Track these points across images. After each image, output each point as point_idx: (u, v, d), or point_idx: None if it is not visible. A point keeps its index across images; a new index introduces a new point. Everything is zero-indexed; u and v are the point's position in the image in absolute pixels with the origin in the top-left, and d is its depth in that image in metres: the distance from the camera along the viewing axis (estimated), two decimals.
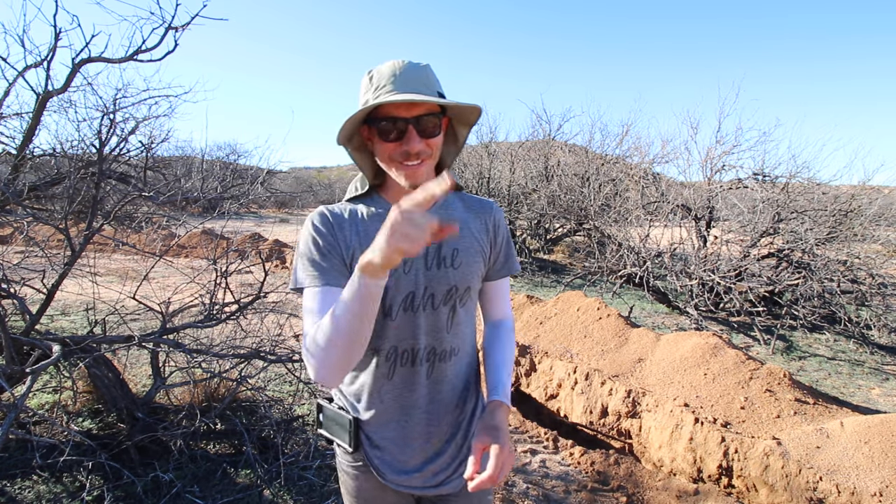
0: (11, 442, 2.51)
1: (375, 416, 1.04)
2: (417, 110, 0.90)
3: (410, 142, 0.89)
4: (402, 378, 1.02)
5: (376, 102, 0.86)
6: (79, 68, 2.47)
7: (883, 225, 6.17)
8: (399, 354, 1.02)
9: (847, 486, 2.09)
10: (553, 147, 12.02)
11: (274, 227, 16.50)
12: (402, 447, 1.04)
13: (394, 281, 0.98)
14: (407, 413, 1.04)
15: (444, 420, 1.06)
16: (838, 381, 4.26)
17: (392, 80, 0.90)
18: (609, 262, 6.54)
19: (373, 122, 0.92)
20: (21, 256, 3.10)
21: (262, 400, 2.66)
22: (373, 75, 0.93)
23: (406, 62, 0.93)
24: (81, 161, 3.08)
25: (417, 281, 1.00)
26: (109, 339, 2.44)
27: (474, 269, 1.05)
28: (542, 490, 2.48)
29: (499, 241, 1.12)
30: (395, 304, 0.99)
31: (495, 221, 1.12)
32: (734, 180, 7.50)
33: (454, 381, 1.08)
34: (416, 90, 0.90)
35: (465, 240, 1.05)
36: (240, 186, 3.91)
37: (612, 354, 3.50)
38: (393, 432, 1.04)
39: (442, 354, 1.04)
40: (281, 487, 2.31)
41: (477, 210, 1.11)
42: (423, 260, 1.01)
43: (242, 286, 3.40)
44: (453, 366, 1.07)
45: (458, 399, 1.09)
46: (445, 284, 1.02)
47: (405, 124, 0.89)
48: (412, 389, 1.03)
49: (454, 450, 1.08)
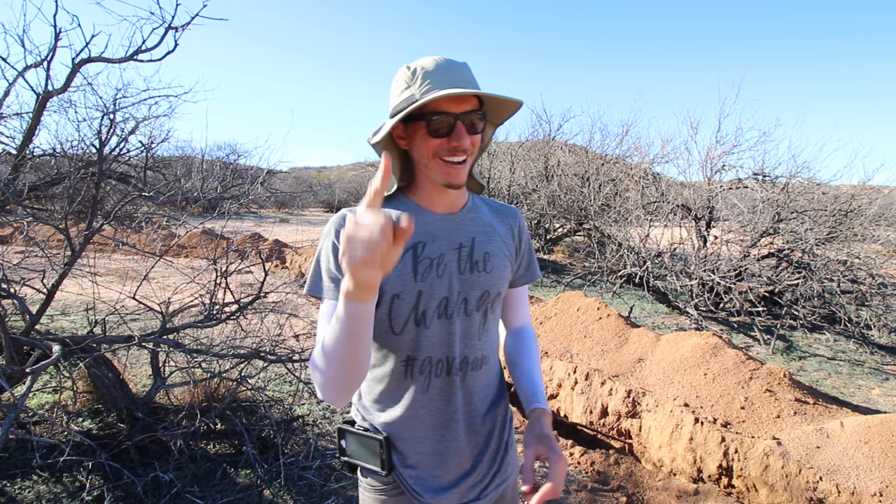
0: (11, 442, 2.51)
1: (410, 433, 0.98)
2: (466, 106, 0.87)
3: (461, 137, 0.87)
4: (438, 390, 0.97)
5: (445, 93, 0.81)
6: (79, 68, 2.47)
7: (883, 225, 6.18)
8: (434, 365, 0.97)
9: (847, 486, 2.09)
10: (553, 147, 12.03)
11: (274, 227, 16.50)
12: (438, 463, 0.98)
13: (427, 286, 0.94)
14: (445, 427, 0.98)
15: (480, 431, 1.02)
16: (838, 381, 4.26)
17: (440, 74, 0.87)
18: (609, 262, 6.54)
19: (418, 118, 0.88)
20: (21, 256, 3.10)
21: (262, 400, 2.66)
22: (415, 69, 0.89)
23: (447, 58, 0.90)
24: (81, 161, 3.07)
25: (451, 286, 0.96)
26: (109, 339, 2.44)
27: (505, 274, 1.03)
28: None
29: (522, 246, 1.10)
30: (430, 310, 0.95)
31: (520, 227, 1.10)
32: (734, 180, 7.50)
33: (486, 389, 1.04)
34: (467, 86, 0.87)
35: (495, 243, 1.03)
36: (240, 186, 3.91)
37: (612, 354, 3.50)
38: (430, 447, 0.98)
39: (474, 363, 1.00)
40: (281, 487, 2.31)
41: (503, 214, 1.09)
42: (455, 264, 0.97)
43: (242, 286, 3.40)
44: (484, 374, 1.03)
45: (490, 408, 1.05)
46: (479, 289, 0.98)
47: (454, 120, 0.87)
48: (449, 401, 0.98)
49: (489, 460, 1.03)
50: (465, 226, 1.00)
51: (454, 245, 0.98)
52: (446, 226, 0.99)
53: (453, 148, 0.87)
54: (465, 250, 0.99)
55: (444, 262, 0.96)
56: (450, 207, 1.00)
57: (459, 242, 0.98)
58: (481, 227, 1.02)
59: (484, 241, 1.01)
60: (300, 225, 18.76)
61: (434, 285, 0.95)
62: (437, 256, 0.96)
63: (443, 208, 0.99)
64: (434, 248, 0.96)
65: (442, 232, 0.98)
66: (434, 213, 0.99)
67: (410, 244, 0.95)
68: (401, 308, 0.94)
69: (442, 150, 0.88)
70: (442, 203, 0.99)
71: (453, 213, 1.00)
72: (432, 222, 0.98)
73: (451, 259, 0.97)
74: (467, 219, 1.02)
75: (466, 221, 1.01)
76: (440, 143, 0.88)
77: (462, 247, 0.98)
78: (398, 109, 0.90)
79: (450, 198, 0.99)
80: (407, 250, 0.95)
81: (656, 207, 7.58)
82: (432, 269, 0.95)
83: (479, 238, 1.01)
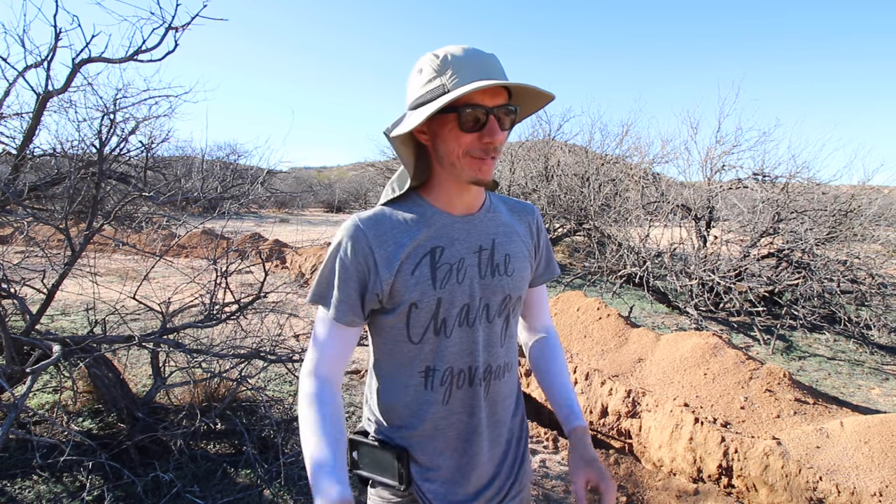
0: (12, 442, 2.52)
1: (430, 445, 0.93)
2: (499, 100, 0.81)
3: (494, 133, 0.81)
4: (460, 401, 0.93)
5: (485, 84, 0.75)
6: (79, 68, 2.47)
7: (883, 225, 6.17)
8: (455, 375, 0.91)
9: (847, 486, 2.09)
10: (553, 147, 12.02)
11: (274, 227, 16.50)
12: (459, 478, 0.94)
13: (447, 293, 0.89)
14: (467, 440, 0.94)
15: (500, 442, 0.98)
16: (838, 380, 4.26)
17: (472, 63, 0.80)
18: (609, 262, 6.54)
19: (450, 110, 0.81)
20: (21, 256, 3.10)
21: (262, 400, 2.66)
22: (445, 56, 0.81)
23: (473, 47, 0.84)
24: (82, 161, 3.08)
25: (472, 292, 0.91)
26: (110, 339, 2.44)
27: (525, 276, 0.98)
28: (542, 490, 2.48)
29: (541, 243, 1.05)
30: (450, 318, 0.89)
31: (537, 224, 1.05)
32: (734, 180, 7.50)
33: (509, 398, 0.99)
34: (501, 77, 0.81)
35: (514, 244, 0.97)
36: (240, 186, 3.91)
37: (611, 354, 3.50)
38: (450, 461, 0.94)
39: (497, 371, 0.95)
40: (281, 487, 2.31)
41: (520, 212, 1.03)
42: (476, 268, 0.91)
43: (242, 286, 3.40)
44: (507, 382, 0.98)
45: (510, 417, 1.01)
46: (500, 293, 0.93)
47: (487, 114, 0.80)
48: (471, 413, 0.93)
49: (507, 471, 0.99)
50: (484, 227, 0.95)
51: (474, 248, 0.92)
52: (465, 228, 0.92)
53: (485, 144, 0.82)
54: (486, 253, 0.93)
55: (465, 266, 0.90)
56: (468, 208, 0.93)
57: (479, 245, 0.93)
58: (501, 228, 0.97)
59: (504, 242, 0.96)
60: (300, 225, 18.77)
61: (455, 292, 0.89)
62: (456, 261, 0.90)
63: (461, 209, 0.93)
64: (453, 252, 0.90)
65: (461, 234, 0.92)
66: (452, 214, 0.92)
67: (428, 249, 0.89)
68: (419, 317, 0.89)
69: (474, 146, 0.82)
70: (460, 204, 0.92)
71: (472, 213, 0.94)
72: (450, 225, 0.92)
73: (472, 263, 0.91)
74: (486, 219, 0.96)
75: (486, 222, 0.95)
76: (471, 138, 0.82)
77: (482, 250, 0.93)
78: (424, 100, 0.82)
79: (469, 198, 0.92)
80: (424, 255, 0.89)
81: (656, 207, 7.58)
82: (452, 274, 0.89)
83: (500, 239, 0.95)
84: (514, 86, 0.80)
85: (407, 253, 0.87)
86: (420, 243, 0.88)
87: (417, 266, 0.87)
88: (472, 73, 0.79)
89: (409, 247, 0.87)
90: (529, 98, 0.86)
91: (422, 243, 0.89)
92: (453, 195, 0.91)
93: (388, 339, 0.93)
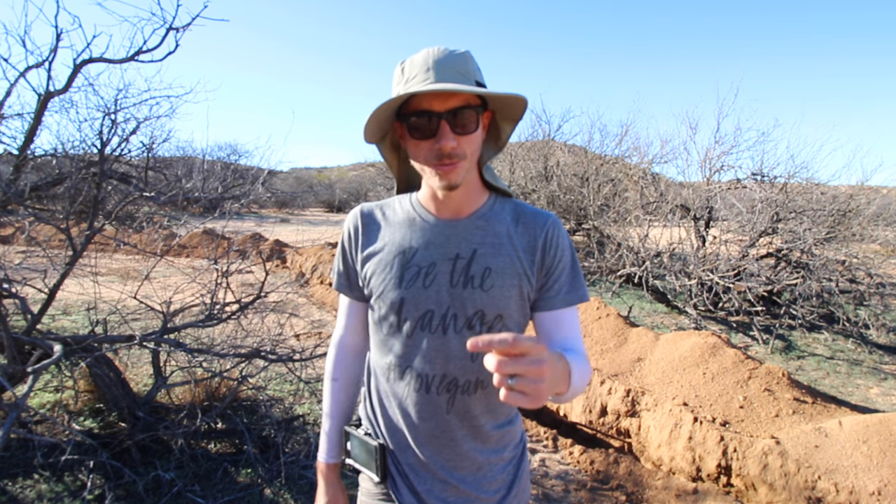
0: (13, 441, 2.52)
1: (395, 441, 0.95)
2: (453, 102, 0.78)
3: (443, 138, 0.78)
4: (419, 405, 0.91)
5: (401, 94, 0.76)
6: (80, 69, 2.48)
7: (881, 225, 6.18)
8: (414, 378, 0.91)
9: (845, 485, 2.10)
10: (552, 147, 12.03)
11: (275, 228, 16.50)
12: (417, 476, 0.94)
13: (410, 295, 0.88)
14: (432, 445, 0.92)
15: (478, 461, 0.93)
16: (837, 380, 4.27)
17: (425, 69, 0.79)
18: (608, 261, 6.55)
19: (404, 118, 0.81)
20: (23, 256, 3.11)
21: (262, 399, 2.67)
22: (405, 66, 0.82)
23: (442, 49, 0.81)
24: (83, 161, 3.08)
25: (439, 299, 0.88)
26: (111, 339, 2.45)
27: (508, 294, 0.88)
28: (541, 489, 2.49)
29: (548, 261, 0.91)
30: (412, 320, 0.89)
31: (548, 237, 0.91)
32: (733, 180, 7.51)
33: (486, 417, 0.93)
34: (451, 79, 0.78)
35: (500, 258, 0.89)
36: (241, 186, 3.91)
37: (611, 354, 3.51)
38: (412, 459, 0.94)
39: (465, 386, 0.90)
40: (281, 486, 2.31)
41: (528, 224, 0.92)
42: (448, 276, 0.88)
43: (243, 286, 3.41)
44: (482, 399, 0.91)
45: (495, 439, 0.95)
46: (471, 307, 0.87)
47: (438, 119, 0.78)
48: (427, 419, 0.91)
49: (495, 488, 0.95)
50: (468, 234, 0.90)
51: (450, 255, 0.89)
52: (446, 233, 0.90)
53: (436, 150, 0.79)
54: (462, 262, 0.88)
55: (435, 272, 0.88)
56: (455, 212, 0.91)
57: (457, 253, 0.89)
58: (490, 239, 0.90)
59: (488, 254, 0.89)
60: (301, 225, 18.76)
61: (419, 295, 0.88)
62: (427, 265, 0.89)
63: (447, 213, 0.91)
64: (426, 255, 0.89)
65: (439, 239, 0.90)
66: (438, 218, 0.91)
67: (402, 248, 0.90)
68: (385, 312, 0.91)
69: (429, 153, 0.80)
70: (446, 207, 0.90)
71: (458, 219, 0.91)
72: (430, 228, 0.91)
73: (444, 270, 0.88)
74: (474, 226, 0.90)
75: (472, 229, 0.90)
76: (426, 145, 0.80)
77: (459, 258, 0.89)
78: (376, 107, 0.82)
79: (454, 202, 0.89)
80: (398, 254, 0.90)
81: (655, 207, 7.58)
82: (419, 278, 0.88)
83: (483, 250, 0.89)
84: (463, 90, 0.75)
85: (382, 245, 0.93)
86: (397, 241, 0.92)
87: (390, 263, 0.91)
88: (421, 79, 0.79)
89: (387, 241, 0.93)
90: (500, 101, 0.84)
91: (398, 241, 0.92)
92: (437, 199, 0.91)
93: (371, 328, 0.99)
